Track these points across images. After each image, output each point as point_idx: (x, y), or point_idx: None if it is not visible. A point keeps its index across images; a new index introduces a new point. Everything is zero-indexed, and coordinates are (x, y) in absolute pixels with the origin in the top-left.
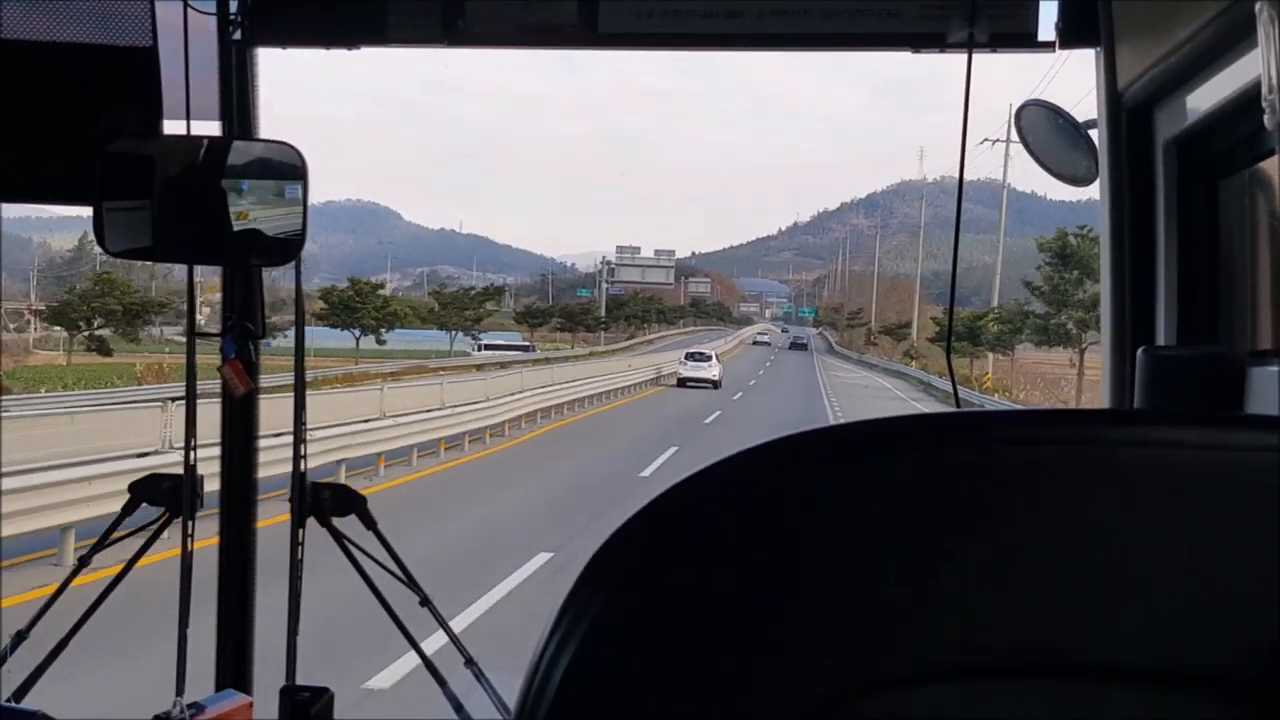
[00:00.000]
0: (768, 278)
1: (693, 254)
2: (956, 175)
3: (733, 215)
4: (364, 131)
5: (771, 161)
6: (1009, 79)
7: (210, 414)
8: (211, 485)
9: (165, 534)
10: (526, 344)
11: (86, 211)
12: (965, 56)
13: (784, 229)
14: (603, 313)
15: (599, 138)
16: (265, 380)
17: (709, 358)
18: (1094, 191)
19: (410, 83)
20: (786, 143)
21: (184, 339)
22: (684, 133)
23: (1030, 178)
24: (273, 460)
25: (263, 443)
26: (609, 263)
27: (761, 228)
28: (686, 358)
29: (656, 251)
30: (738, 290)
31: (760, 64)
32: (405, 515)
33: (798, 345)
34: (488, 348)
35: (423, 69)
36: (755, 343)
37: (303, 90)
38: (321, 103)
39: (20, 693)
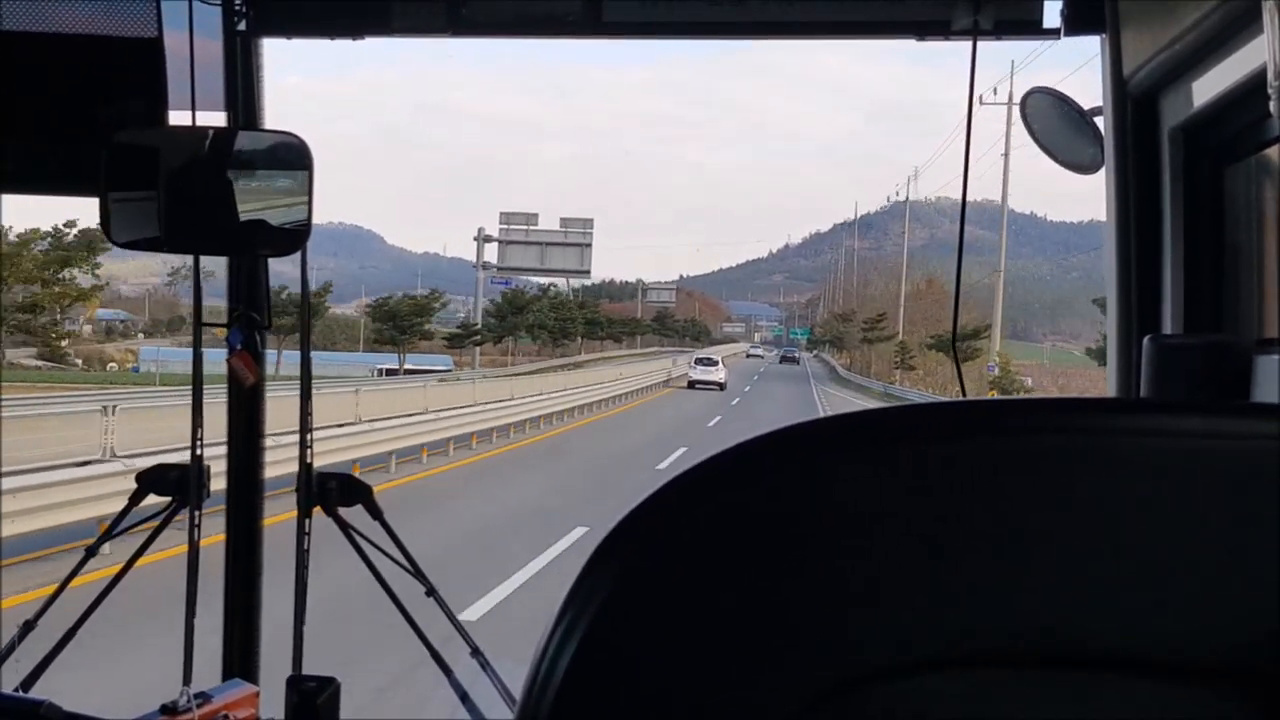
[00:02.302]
0: (758, 301)
1: (681, 276)
2: (951, 195)
3: (722, 238)
4: (346, 154)
5: (763, 183)
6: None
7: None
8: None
9: (170, 528)
10: (446, 368)
11: None
12: (966, 66)
13: (775, 251)
14: (475, 318)
15: (588, 161)
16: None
17: (715, 363)
18: (1096, 213)
19: (396, 107)
20: (778, 165)
21: (40, 363)
22: (674, 155)
23: (1029, 199)
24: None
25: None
26: (487, 237)
27: (752, 250)
28: (696, 362)
29: (564, 221)
30: (724, 310)
31: (751, 86)
32: None
33: (788, 359)
34: (389, 373)
35: (409, 93)
36: (749, 355)
37: (283, 113)
38: (302, 126)
39: (28, 682)
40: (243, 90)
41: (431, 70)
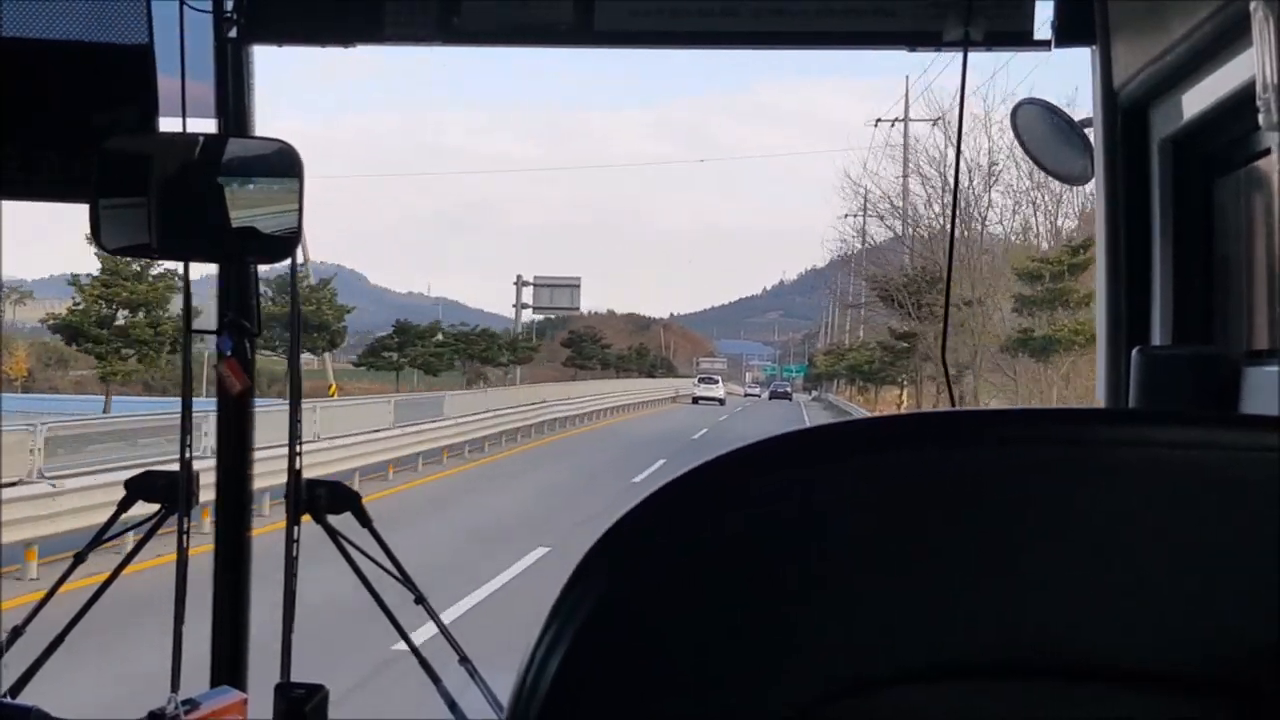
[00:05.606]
0: (751, 339)
1: (671, 315)
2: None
3: (714, 275)
4: (330, 193)
5: (756, 222)
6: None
7: None
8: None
9: (158, 535)
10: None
11: None
12: (958, 81)
13: (769, 288)
14: None
15: (579, 200)
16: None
17: (716, 381)
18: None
19: (381, 146)
20: (773, 203)
21: None
22: (666, 194)
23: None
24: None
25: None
26: None
27: (744, 287)
28: (700, 381)
29: None
30: (708, 346)
31: (747, 126)
32: None
33: (779, 395)
34: None
35: (395, 134)
36: (746, 394)
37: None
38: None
39: (16, 688)
40: (234, 97)
41: (428, 112)
